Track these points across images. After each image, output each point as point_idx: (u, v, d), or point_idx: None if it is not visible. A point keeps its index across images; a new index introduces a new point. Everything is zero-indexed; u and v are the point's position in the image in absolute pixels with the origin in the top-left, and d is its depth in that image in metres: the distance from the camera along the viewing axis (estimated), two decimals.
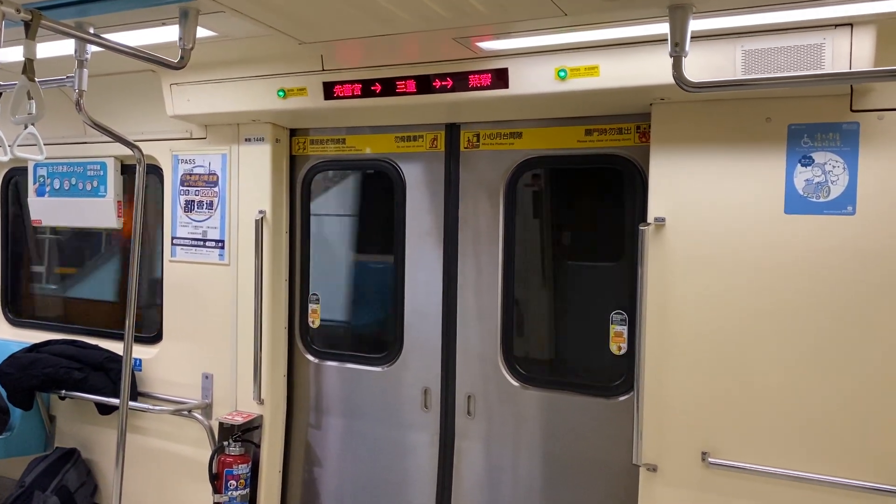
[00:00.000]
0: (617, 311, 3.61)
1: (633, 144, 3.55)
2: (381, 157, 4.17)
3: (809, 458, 2.98)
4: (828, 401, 2.95)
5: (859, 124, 2.91)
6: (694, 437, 3.19)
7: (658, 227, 3.23)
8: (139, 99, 4.39)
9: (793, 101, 3.00)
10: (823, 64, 2.72)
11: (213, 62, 3.75)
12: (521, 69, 3.24)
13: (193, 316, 4.45)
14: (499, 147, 3.86)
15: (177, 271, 4.50)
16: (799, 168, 3.00)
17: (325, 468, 4.42)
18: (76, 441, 4.88)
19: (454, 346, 3.99)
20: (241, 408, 4.29)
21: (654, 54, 2.92)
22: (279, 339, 4.35)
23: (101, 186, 4.77)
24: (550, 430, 3.79)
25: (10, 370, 4.54)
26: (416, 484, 4.12)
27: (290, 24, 3.04)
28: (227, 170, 4.31)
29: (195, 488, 4.36)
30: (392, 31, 3.02)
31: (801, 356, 2.99)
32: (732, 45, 2.85)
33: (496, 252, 3.87)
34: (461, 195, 3.96)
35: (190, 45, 2.90)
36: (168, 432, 4.53)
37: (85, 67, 2.96)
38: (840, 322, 2.93)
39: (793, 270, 3.00)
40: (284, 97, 3.74)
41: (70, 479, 4.64)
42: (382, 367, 4.20)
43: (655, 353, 3.24)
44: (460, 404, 3.99)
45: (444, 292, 4.00)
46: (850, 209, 2.92)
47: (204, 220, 4.39)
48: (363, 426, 4.28)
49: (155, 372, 4.61)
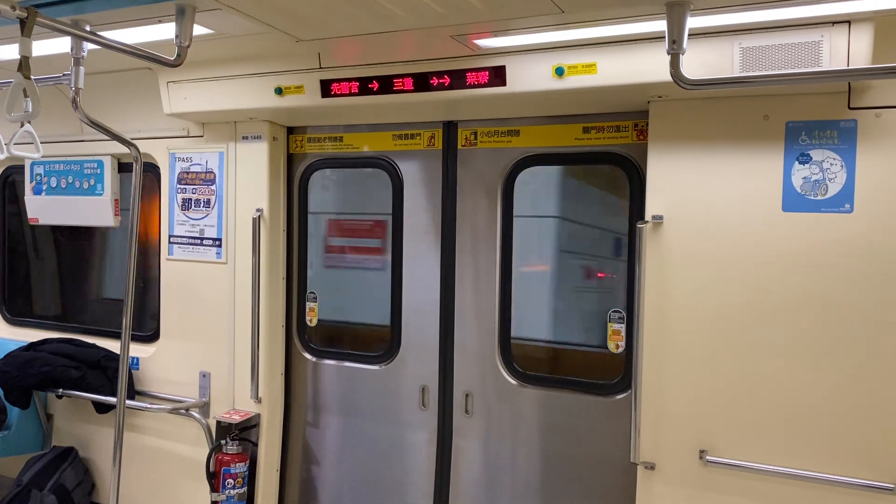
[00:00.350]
0: (615, 310, 3.61)
1: (630, 142, 3.54)
2: (378, 154, 4.17)
3: (807, 456, 2.99)
4: (826, 398, 2.96)
5: (857, 122, 2.91)
6: (692, 435, 3.19)
7: (656, 224, 3.22)
8: (136, 97, 4.38)
9: (790, 98, 3.00)
10: (821, 61, 2.72)
11: (210, 60, 3.74)
12: (518, 67, 3.23)
13: (191, 314, 4.45)
14: (496, 145, 3.85)
15: (174, 270, 4.50)
16: (797, 166, 3.00)
17: (322, 466, 4.42)
18: (74, 440, 4.88)
19: (452, 344, 3.99)
20: (239, 406, 4.29)
21: (652, 52, 2.91)
22: (277, 337, 4.35)
23: (98, 185, 4.75)
24: (548, 428, 3.79)
25: (8, 369, 4.53)
26: (413, 482, 4.11)
27: (287, 22, 3.03)
28: (224, 168, 4.31)
29: (193, 487, 4.36)
30: (389, 28, 3.01)
31: (798, 354, 2.99)
32: (730, 42, 2.85)
33: (494, 250, 3.86)
34: (459, 193, 3.96)
35: (186, 43, 2.89)
36: (165, 431, 4.52)
37: (81, 65, 2.96)
38: (838, 319, 2.93)
39: (791, 268, 3.00)
40: (281, 95, 3.74)
41: (67, 478, 4.63)
42: (380, 366, 4.20)
43: (653, 351, 3.24)
44: (458, 402, 3.99)
45: (442, 290, 4.00)
46: (847, 207, 2.92)
47: (201, 219, 4.39)
48: (361, 424, 4.27)
49: (152, 370, 4.60)
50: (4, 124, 2.68)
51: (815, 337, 2.97)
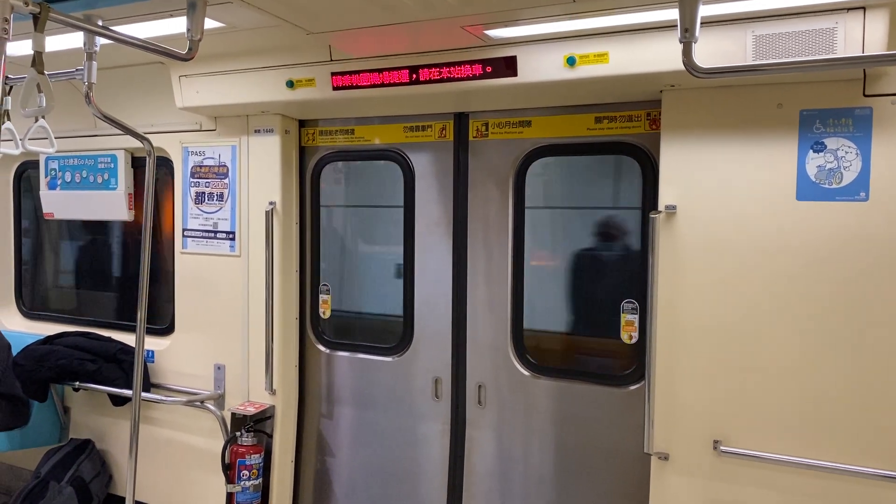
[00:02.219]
0: (628, 300, 3.60)
1: (643, 132, 3.52)
2: (389, 147, 4.17)
3: (822, 446, 2.97)
4: (840, 388, 2.94)
5: (872, 109, 2.88)
6: (705, 425, 3.18)
7: (669, 214, 3.21)
8: (148, 91, 4.40)
9: (804, 86, 2.97)
10: (836, 48, 2.69)
11: (222, 54, 3.75)
12: (529, 57, 3.22)
13: (205, 307, 4.47)
14: (508, 136, 3.84)
15: (188, 263, 4.52)
16: (811, 154, 2.97)
17: (336, 458, 4.45)
18: (90, 432, 4.93)
19: (464, 335, 4.00)
20: (254, 398, 4.32)
21: (664, 40, 2.89)
22: (290, 329, 4.37)
23: (112, 179, 4.79)
24: (561, 419, 3.79)
25: (25, 362, 4.58)
26: (427, 473, 4.13)
27: (298, 14, 3.03)
28: (236, 161, 4.32)
29: (208, 478, 4.40)
30: (400, 20, 3.01)
31: (812, 343, 2.98)
32: (743, 30, 2.82)
33: (506, 241, 3.86)
34: (470, 184, 3.95)
35: (198, 37, 2.89)
36: (181, 423, 4.56)
37: (94, 60, 2.97)
38: (853, 309, 2.91)
39: (805, 257, 2.97)
40: (293, 88, 3.74)
41: (85, 470, 4.69)
42: (393, 357, 4.21)
43: (666, 341, 3.23)
44: (471, 394, 4.00)
45: (454, 282, 4.00)
46: (862, 195, 2.89)
47: (214, 212, 4.41)
48: (374, 416, 4.29)
49: (167, 363, 4.64)
50: (19, 120, 2.70)
51: (829, 326, 2.95)
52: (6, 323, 5.38)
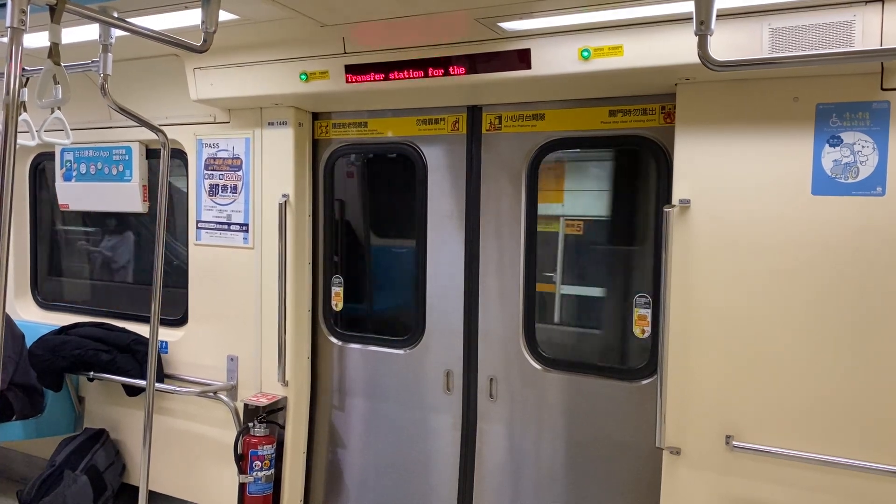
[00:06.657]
0: (641, 294, 3.59)
1: (657, 125, 3.51)
2: (402, 140, 4.17)
3: (835, 442, 2.95)
4: (854, 384, 2.92)
5: (890, 103, 2.85)
6: (718, 420, 3.17)
7: (683, 209, 3.19)
8: (163, 83, 4.42)
9: (821, 79, 2.94)
10: (853, 41, 2.67)
11: (236, 46, 3.76)
12: (543, 49, 3.21)
13: (218, 299, 4.50)
14: (521, 129, 3.83)
15: (202, 255, 4.54)
16: (827, 148, 2.95)
17: (348, 449, 4.47)
18: (105, 422, 4.97)
19: (476, 328, 4.00)
20: (266, 389, 4.34)
21: (680, 33, 2.87)
22: (303, 321, 4.38)
23: (127, 171, 4.82)
24: (573, 412, 3.78)
25: (40, 352, 4.62)
26: (438, 466, 4.14)
27: (312, 6, 3.04)
28: (250, 154, 4.33)
29: (221, 469, 4.43)
30: (414, 12, 3.01)
31: (827, 339, 2.96)
32: (759, 23, 2.80)
33: (518, 234, 3.85)
34: (483, 178, 3.95)
35: (213, 29, 2.90)
36: (194, 413, 4.59)
37: (109, 52, 2.98)
38: (868, 304, 2.88)
39: (820, 252, 2.95)
40: (307, 81, 3.75)
41: (99, 459, 4.73)
42: (405, 350, 4.22)
43: (679, 336, 3.22)
44: (482, 387, 4.00)
45: (466, 275, 4.00)
46: (879, 190, 2.87)
47: (228, 204, 4.42)
48: (386, 408, 4.30)
49: (181, 354, 4.67)
50: (35, 112, 2.72)
51: (843, 321, 2.92)
52: (22, 313, 5.43)
